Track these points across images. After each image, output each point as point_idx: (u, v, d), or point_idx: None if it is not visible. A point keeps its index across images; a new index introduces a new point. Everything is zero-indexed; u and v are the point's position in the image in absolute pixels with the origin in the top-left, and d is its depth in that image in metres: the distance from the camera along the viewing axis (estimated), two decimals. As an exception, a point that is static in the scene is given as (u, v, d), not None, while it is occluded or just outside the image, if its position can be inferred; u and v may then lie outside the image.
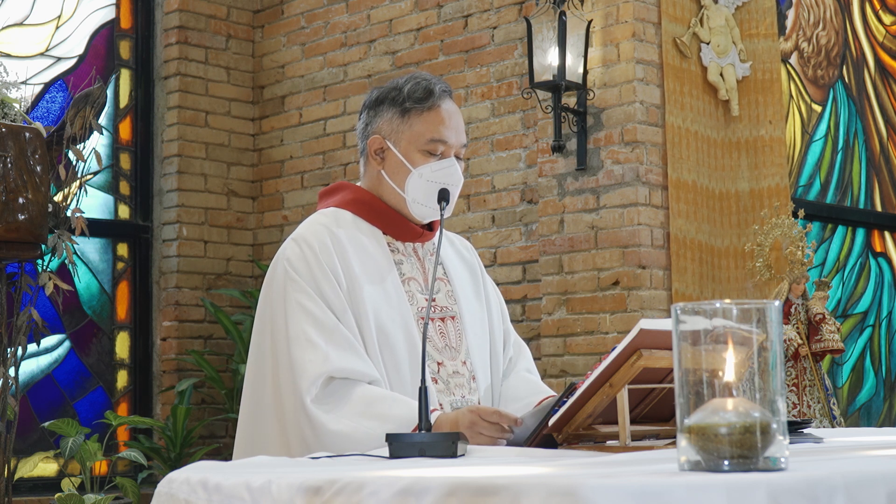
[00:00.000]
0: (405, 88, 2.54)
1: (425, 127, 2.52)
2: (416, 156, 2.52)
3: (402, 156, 2.53)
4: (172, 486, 1.67)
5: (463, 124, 2.59)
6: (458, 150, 2.56)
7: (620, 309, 4.83)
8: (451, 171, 2.53)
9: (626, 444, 1.94)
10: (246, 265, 6.39)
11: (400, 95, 2.54)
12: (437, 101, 2.53)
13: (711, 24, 5.20)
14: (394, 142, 2.54)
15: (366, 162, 2.61)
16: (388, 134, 2.55)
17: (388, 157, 2.55)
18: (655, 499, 1.24)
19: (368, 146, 2.58)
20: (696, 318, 1.40)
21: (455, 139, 2.54)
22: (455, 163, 2.54)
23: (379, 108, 2.58)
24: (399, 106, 2.54)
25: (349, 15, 6.07)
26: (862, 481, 1.36)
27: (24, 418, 5.40)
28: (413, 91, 2.53)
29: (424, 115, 2.53)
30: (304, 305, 2.40)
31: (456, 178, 2.54)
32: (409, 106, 2.53)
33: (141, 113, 6.33)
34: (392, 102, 2.56)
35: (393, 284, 2.52)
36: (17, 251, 4.30)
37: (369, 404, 2.30)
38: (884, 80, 7.27)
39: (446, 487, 1.32)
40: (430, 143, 2.52)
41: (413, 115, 2.53)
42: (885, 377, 7.01)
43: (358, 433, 2.26)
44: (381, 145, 2.56)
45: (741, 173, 5.23)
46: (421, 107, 2.52)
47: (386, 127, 2.56)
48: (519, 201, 5.31)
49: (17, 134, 4.25)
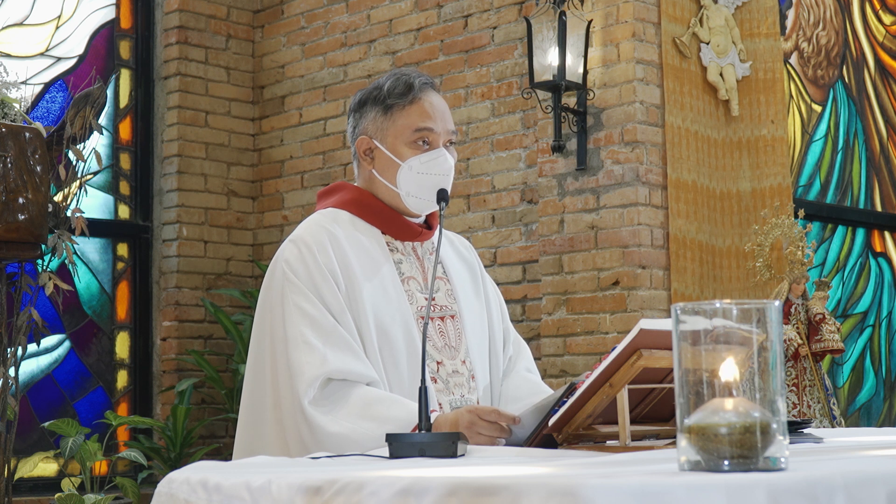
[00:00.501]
0: (385, 86, 2.56)
1: (409, 120, 2.53)
2: (404, 149, 2.53)
3: (389, 152, 2.54)
4: (172, 486, 1.67)
5: (448, 112, 2.59)
6: (447, 138, 2.56)
7: (620, 309, 4.83)
8: (441, 160, 2.53)
9: (626, 444, 1.94)
10: (246, 265, 6.39)
11: (381, 94, 2.56)
12: (418, 94, 2.54)
13: (711, 24, 5.20)
14: (380, 139, 2.56)
15: (358, 164, 2.63)
16: (374, 133, 2.57)
17: (378, 156, 2.57)
18: (655, 499, 1.24)
19: (357, 148, 2.60)
20: (696, 318, 1.40)
21: (440, 126, 2.55)
22: (444, 152, 2.54)
23: (363, 110, 2.60)
24: (381, 104, 2.56)
25: (349, 15, 6.07)
26: (862, 481, 1.36)
27: (24, 418, 5.40)
28: (393, 87, 2.55)
29: (407, 108, 2.54)
30: (301, 307, 2.40)
31: (446, 167, 2.54)
32: (391, 102, 2.54)
33: (141, 113, 6.33)
34: (374, 101, 2.57)
35: (392, 284, 2.52)
36: (17, 251, 4.30)
37: (367, 406, 2.30)
38: (884, 80, 7.27)
39: (446, 487, 1.32)
40: (415, 134, 2.53)
41: (396, 110, 2.54)
42: (885, 377, 7.01)
43: (356, 434, 2.26)
44: (368, 145, 2.58)
45: (742, 173, 5.23)
46: (402, 101, 2.54)
47: (371, 126, 2.57)
48: (519, 201, 5.31)
49: (17, 134, 4.25)
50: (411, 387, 2.38)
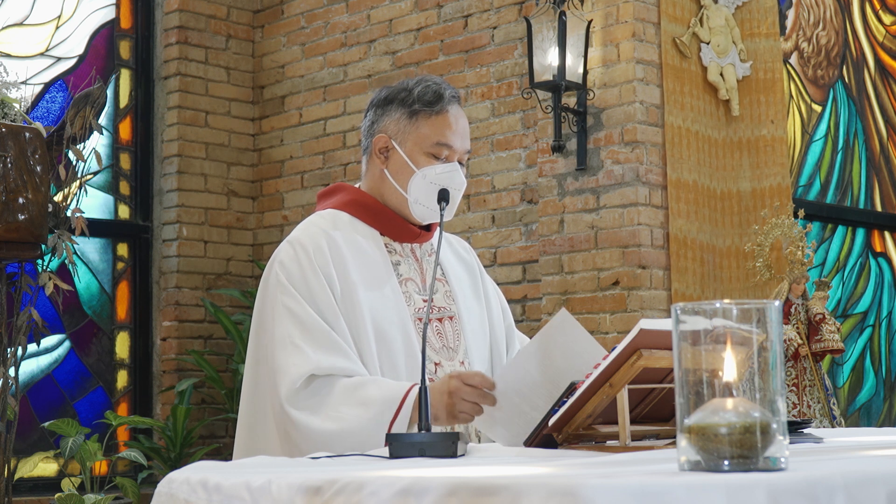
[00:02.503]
0: (415, 90, 2.56)
1: (432, 130, 2.53)
2: (421, 157, 2.54)
3: (406, 156, 2.54)
4: (172, 486, 1.67)
5: (468, 131, 2.61)
6: (462, 156, 2.58)
7: (620, 309, 4.83)
8: (455, 174, 2.54)
9: (626, 444, 1.94)
10: (246, 265, 6.39)
11: (409, 97, 2.56)
12: (446, 106, 2.55)
13: (711, 23, 5.20)
14: (399, 142, 2.55)
15: (369, 159, 2.62)
16: (394, 134, 2.56)
17: (393, 157, 2.56)
18: (655, 499, 1.24)
19: (373, 144, 2.59)
20: (696, 318, 1.40)
21: (460, 145, 2.56)
22: (458, 168, 2.55)
23: (387, 108, 2.59)
24: (408, 107, 2.55)
25: (349, 15, 6.07)
26: (862, 481, 1.36)
27: (24, 418, 5.40)
28: (423, 94, 2.55)
29: (433, 118, 2.54)
30: (290, 308, 2.41)
31: (458, 182, 2.55)
32: (418, 108, 2.54)
33: (141, 113, 6.33)
34: (401, 103, 2.57)
35: (390, 285, 2.52)
36: (17, 251, 4.30)
37: (351, 392, 2.31)
38: (884, 80, 7.27)
39: (446, 487, 1.32)
40: (435, 147, 2.53)
41: (421, 117, 2.54)
42: (885, 377, 7.01)
43: (343, 427, 2.28)
44: (386, 144, 2.57)
45: (742, 173, 5.23)
46: (430, 110, 2.54)
47: (393, 127, 2.57)
48: (519, 201, 5.31)
49: (17, 134, 4.25)
50: (410, 388, 2.39)
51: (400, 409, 2.27)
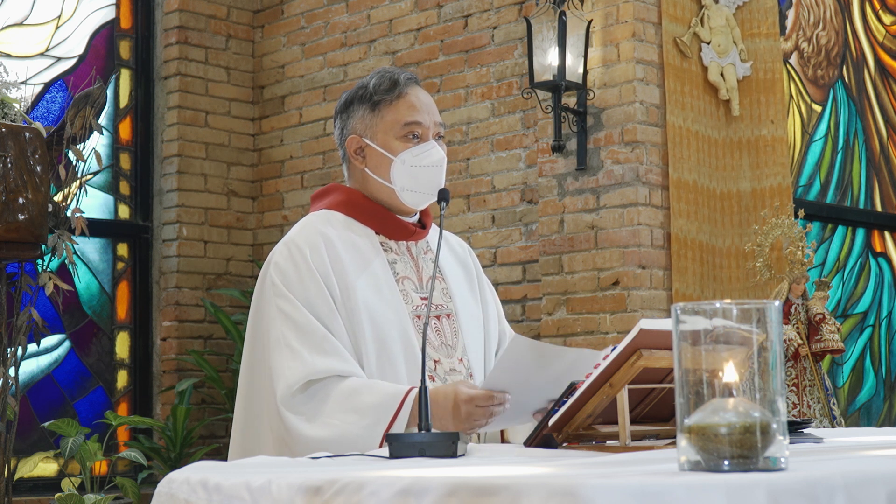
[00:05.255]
0: (370, 84, 2.59)
1: (397, 114, 2.56)
2: (395, 143, 2.55)
3: (380, 148, 2.56)
4: (172, 486, 1.67)
5: (434, 105, 2.62)
6: (436, 130, 2.59)
7: (620, 309, 4.83)
8: (432, 151, 2.56)
9: (626, 444, 1.94)
10: (246, 265, 6.39)
11: (367, 92, 2.59)
12: (404, 89, 2.57)
13: (712, 23, 5.20)
14: (370, 137, 2.57)
15: (348, 165, 2.64)
16: (363, 131, 2.58)
17: (369, 154, 2.58)
18: (655, 499, 1.24)
19: (347, 147, 2.61)
20: (696, 318, 1.40)
21: (428, 119, 2.57)
22: (434, 144, 2.57)
23: (350, 110, 2.62)
24: (368, 102, 2.58)
25: (349, 15, 6.07)
26: (862, 481, 1.36)
27: (24, 418, 5.40)
28: (379, 84, 2.58)
29: (394, 104, 2.56)
30: (285, 311, 2.41)
31: (437, 158, 2.56)
32: (378, 99, 2.57)
33: (141, 113, 6.33)
34: (361, 100, 2.60)
35: (387, 284, 2.52)
36: (17, 251, 4.30)
37: (348, 397, 2.31)
38: (884, 80, 7.26)
39: (446, 487, 1.32)
40: (405, 128, 2.55)
41: (383, 106, 2.57)
42: (885, 377, 7.01)
43: (338, 434, 2.27)
44: (359, 144, 2.59)
45: (743, 173, 5.23)
46: (389, 97, 2.56)
47: (360, 125, 2.59)
48: (519, 201, 5.31)
49: (17, 134, 4.25)
50: (409, 386, 2.38)
51: (396, 416, 2.27)
